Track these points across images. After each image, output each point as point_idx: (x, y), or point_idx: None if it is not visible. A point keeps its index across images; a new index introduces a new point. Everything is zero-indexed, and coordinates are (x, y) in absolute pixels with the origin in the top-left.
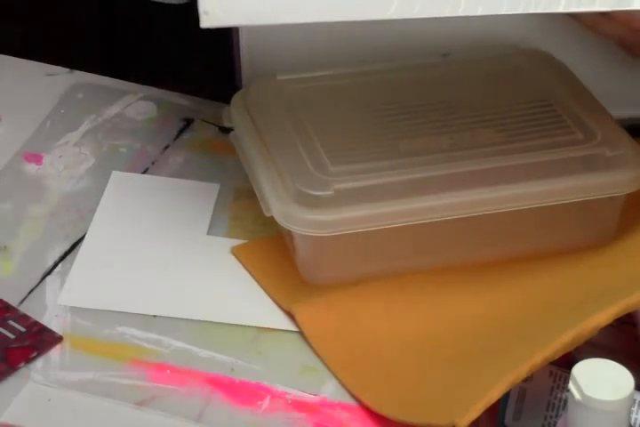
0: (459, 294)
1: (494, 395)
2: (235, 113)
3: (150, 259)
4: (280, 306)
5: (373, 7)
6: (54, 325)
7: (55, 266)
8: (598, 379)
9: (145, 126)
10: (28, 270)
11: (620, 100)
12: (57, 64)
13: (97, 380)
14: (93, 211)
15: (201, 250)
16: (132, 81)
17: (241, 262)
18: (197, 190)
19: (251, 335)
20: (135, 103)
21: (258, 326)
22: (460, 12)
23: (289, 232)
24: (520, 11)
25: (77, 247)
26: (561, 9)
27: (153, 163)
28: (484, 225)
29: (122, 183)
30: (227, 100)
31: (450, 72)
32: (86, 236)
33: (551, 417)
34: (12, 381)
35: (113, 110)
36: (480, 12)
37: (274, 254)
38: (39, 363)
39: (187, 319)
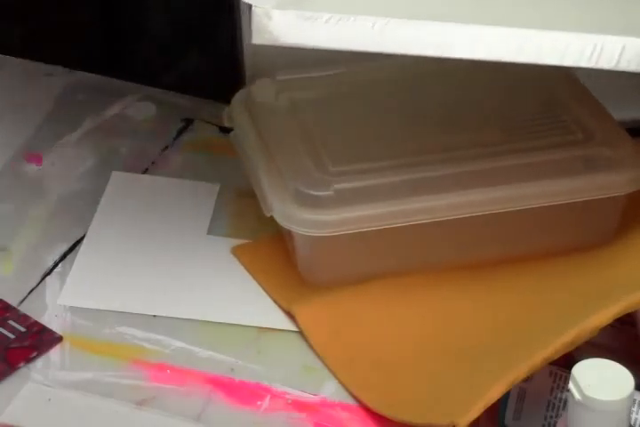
0: (459, 294)
1: (494, 395)
2: (235, 113)
3: (150, 259)
4: (280, 306)
5: (422, 45)
6: (54, 325)
7: (55, 266)
8: (598, 379)
9: (145, 126)
10: (28, 270)
11: (622, 103)
12: (57, 64)
13: (97, 380)
14: (93, 211)
15: (201, 250)
16: (133, 81)
17: (241, 262)
18: (197, 190)
19: (251, 335)
20: (135, 103)
21: (258, 326)
22: (524, 59)
23: (289, 232)
24: (584, 64)
25: (77, 247)
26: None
27: (153, 163)
28: (484, 225)
29: (122, 183)
30: (227, 100)
31: (450, 72)
32: (86, 236)
33: (551, 417)
34: (11, 381)
35: (113, 110)
36: (547, 60)
37: (274, 254)
38: (39, 363)
39: (187, 319)
